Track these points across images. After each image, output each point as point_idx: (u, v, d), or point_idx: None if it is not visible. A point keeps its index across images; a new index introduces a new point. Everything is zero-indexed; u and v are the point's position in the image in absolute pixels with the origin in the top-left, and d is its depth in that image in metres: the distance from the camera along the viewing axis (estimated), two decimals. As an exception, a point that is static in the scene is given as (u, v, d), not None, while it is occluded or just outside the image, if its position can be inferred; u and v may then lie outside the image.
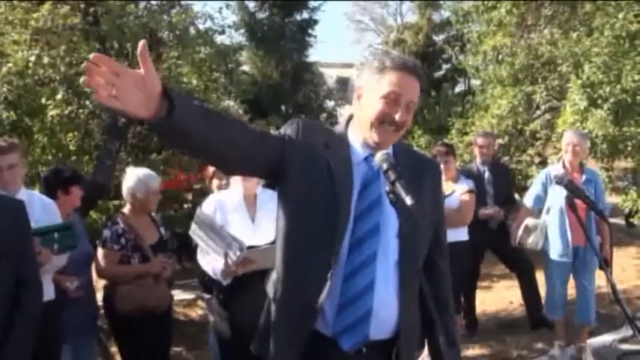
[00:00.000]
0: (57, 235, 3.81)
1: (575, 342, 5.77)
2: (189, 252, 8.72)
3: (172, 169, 8.78)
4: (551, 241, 5.58)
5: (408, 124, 2.30)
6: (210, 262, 4.03)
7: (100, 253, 4.45)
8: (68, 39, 7.26)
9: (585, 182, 5.48)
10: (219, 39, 9.67)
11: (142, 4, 8.36)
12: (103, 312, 4.57)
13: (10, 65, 6.32)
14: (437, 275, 2.44)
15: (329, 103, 22.34)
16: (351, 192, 2.21)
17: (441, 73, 21.16)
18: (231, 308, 4.05)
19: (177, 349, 6.75)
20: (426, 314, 2.31)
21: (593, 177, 5.69)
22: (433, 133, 16.47)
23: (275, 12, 19.88)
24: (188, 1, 9.04)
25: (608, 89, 8.32)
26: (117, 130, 7.41)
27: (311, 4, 20.54)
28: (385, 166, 2.11)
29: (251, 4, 19.88)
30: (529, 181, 10.39)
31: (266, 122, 14.49)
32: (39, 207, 3.81)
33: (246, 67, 18.80)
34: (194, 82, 8.28)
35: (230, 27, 9.94)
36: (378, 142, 2.23)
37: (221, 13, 12.48)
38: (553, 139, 10.37)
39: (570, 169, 5.50)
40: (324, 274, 2.16)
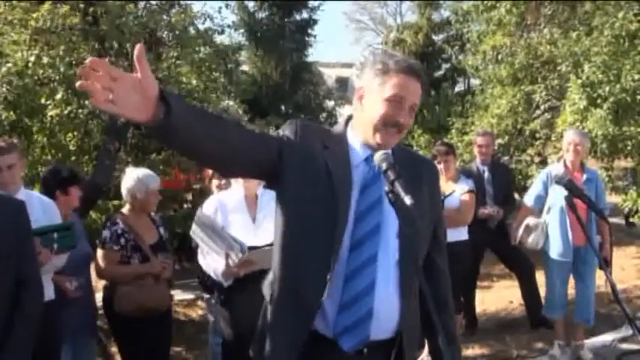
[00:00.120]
0: (56, 235, 3.80)
1: (573, 341, 5.77)
2: (188, 252, 8.77)
3: (172, 169, 8.78)
4: (551, 240, 5.57)
5: (410, 126, 2.30)
6: (211, 264, 4.02)
7: (99, 254, 4.44)
8: (67, 39, 7.27)
9: (586, 182, 5.48)
10: (219, 39, 9.71)
11: (142, 4, 8.37)
12: (103, 312, 4.56)
13: (9, 65, 6.32)
14: (436, 274, 2.43)
15: (328, 103, 22.35)
16: (349, 193, 2.21)
17: (440, 73, 21.15)
18: (233, 309, 4.04)
19: (177, 349, 6.75)
20: (425, 313, 2.31)
21: (594, 177, 5.68)
22: (433, 133, 16.45)
23: (274, 12, 19.90)
24: (187, 1, 9.07)
25: (608, 89, 8.31)
26: (116, 130, 7.40)
27: (310, 4, 20.58)
28: (384, 165, 2.10)
29: (250, 4, 19.91)
30: (529, 181, 10.39)
31: (265, 122, 14.50)
32: (38, 207, 3.80)
33: (245, 67, 18.82)
34: (193, 82, 8.29)
35: (229, 27, 9.96)
36: (381, 144, 2.23)
37: (220, 12, 12.52)
38: (553, 139, 10.36)
39: (571, 168, 5.50)
40: (322, 276, 2.16)
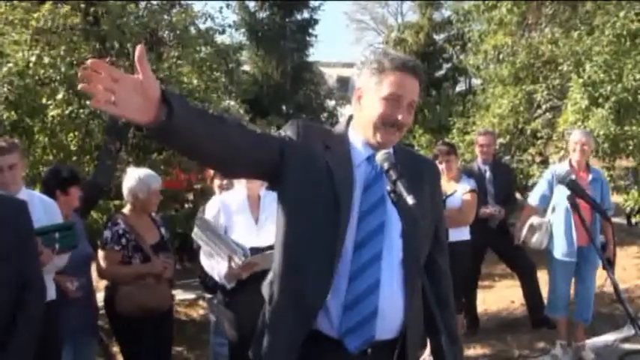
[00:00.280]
0: (58, 235, 3.80)
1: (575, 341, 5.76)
2: (189, 252, 8.77)
3: (173, 169, 8.78)
4: (556, 240, 5.55)
5: (410, 124, 2.30)
6: (215, 266, 4.02)
7: (100, 254, 4.44)
8: (69, 39, 7.27)
9: (592, 182, 5.47)
10: (220, 39, 9.71)
11: (143, 4, 8.37)
12: (105, 312, 4.56)
13: (10, 65, 6.32)
14: (437, 274, 2.43)
15: (329, 103, 22.36)
16: (351, 193, 2.20)
17: (441, 73, 21.18)
18: (236, 310, 4.03)
19: (179, 349, 6.75)
20: (428, 313, 2.31)
21: (599, 176, 5.67)
22: (434, 133, 16.46)
23: (275, 11, 19.92)
24: (188, 1, 9.07)
25: (610, 88, 8.31)
26: (117, 130, 7.40)
27: (311, 4, 20.61)
28: (386, 165, 2.11)
29: (251, 4, 19.94)
30: (530, 181, 10.39)
31: (267, 122, 14.50)
32: (40, 207, 3.80)
33: (246, 67, 18.83)
34: (194, 81, 8.29)
35: (230, 26, 9.96)
36: (381, 143, 2.23)
37: (221, 12, 12.45)
38: (554, 139, 10.36)
39: (577, 168, 5.48)
40: (324, 276, 2.15)
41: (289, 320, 2.22)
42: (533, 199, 5.82)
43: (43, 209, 3.84)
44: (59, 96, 6.88)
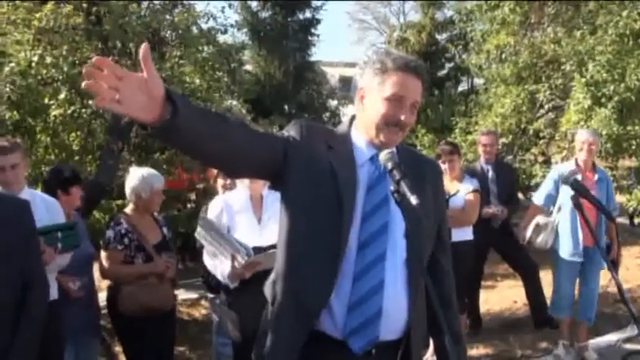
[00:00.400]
0: (60, 234, 3.81)
1: (577, 342, 5.74)
2: (192, 252, 8.77)
3: (175, 168, 8.78)
4: (561, 240, 5.52)
5: (412, 124, 2.29)
6: (218, 265, 4.02)
7: (103, 254, 4.44)
8: (71, 39, 7.27)
9: (598, 181, 5.46)
10: (222, 38, 9.71)
11: (145, 4, 8.36)
12: (107, 312, 4.56)
13: (12, 65, 6.31)
14: (440, 274, 2.43)
15: (332, 103, 22.36)
16: (354, 193, 2.19)
17: (444, 72, 21.17)
18: (239, 310, 4.03)
19: (181, 349, 6.74)
20: (431, 313, 2.30)
21: (605, 176, 5.65)
22: (436, 132, 16.43)
23: (277, 11, 19.93)
24: (191, 1, 9.05)
25: (612, 88, 8.30)
26: (119, 129, 7.39)
27: (313, 4, 20.62)
28: (390, 165, 2.10)
29: (254, 4, 19.95)
30: (533, 181, 10.38)
31: (269, 121, 14.50)
32: (42, 206, 3.80)
33: (248, 67, 18.83)
34: (197, 81, 8.28)
35: (233, 26, 9.96)
36: (384, 143, 2.23)
37: (224, 12, 12.48)
38: (557, 138, 10.36)
39: (583, 167, 5.47)
40: (327, 276, 2.15)
41: (291, 320, 2.21)
42: (539, 198, 5.79)
43: (46, 209, 3.85)
44: (61, 96, 6.88)
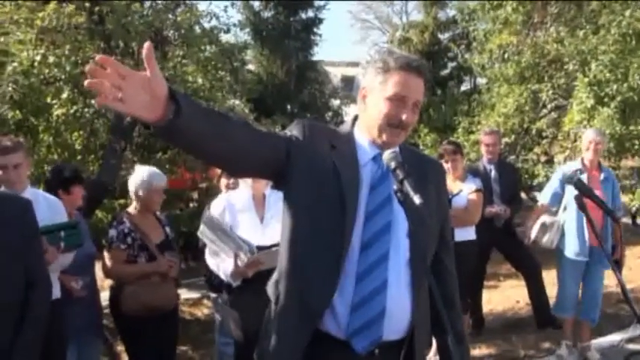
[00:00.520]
0: (63, 233, 3.80)
1: (580, 342, 5.73)
2: (194, 251, 8.78)
3: (178, 168, 8.79)
4: (567, 239, 5.48)
5: (415, 123, 2.28)
6: (220, 264, 4.01)
7: (106, 253, 4.44)
8: (73, 38, 7.28)
9: (604, 181, 5.43)
10: (225, 38, 9.70)
11: (147, 3, 8.39)
12: (110, 311, 4.56)
13: (15, 64, 6.33)
14: (443, 274, 2.42)
15: (334, 102, 22.37)
16: (357, 193, 2.18)
17: (446, 72, 21.18)
18: (242, 309, 4.03)
19: (183, 348, 6.75)
20: (434, 313, 2.29)
21: (611, 176, 5.62)
22: (439, 132, 16.46)
23: (280, 11, 19.94)
24: (193, 0, 9.07)
25: (615, 87, 8.30)
26: (122, 129, 7.41)
27: (316, 3, 20.63)
28: (393, 164, 2.09)
29: (256, 3, 19.98)
30: (535, 180, 10.37)
31: (271, 121, 14.50)
32: (44, 205, 3.80)
33: (251, 66, 18.84)
34: (199, 80, 8.29)
35: (235, 26, 9.99)
36: (386, 143, 2.22)
37: (226, 11, 12.57)
38: (559, 138, 10.35)
39: (590, 167, 5.44)
40: (329, 277, 2.14)
41: (294, 320, 2.20)
42: (545, 197, 5.74)
43: (48, 208, 3.84)
44: (64, 95, 6.90)
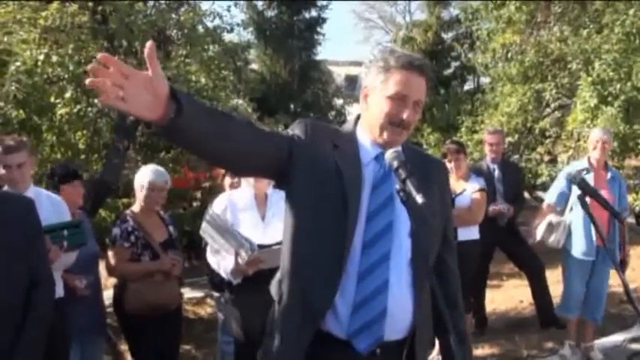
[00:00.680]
0: (66, 232, 3.80)
1: (584, 342, 5.71)
2: (198, 250, 8.79)
3: (181, 167, 8.79)
4: (574, 239, 5.43)
5: (416, 122, 2.28)
6: (221, 262, 4.02)
7: (110, 251, 4.45)
8: (77, 37, 7.28)
9: (610, 180, 5.40)
10: (228, 37, 9.71)
11: (151, 3, 8.39)
12: (113, 310, 4.57)
13: (18, 64, 6.33)
14: (446, 273, 2.41)
15: (337, 101, 22.39)
16: (359, 192, 2.18)
17: (450, 71, 21.19)
18: (243, 308, 4.03)
19: (186, 347, 6.75)
20: (437, 313, 2.30)
21: (617, 175, 5.59)
22: (442, 131, 16.47)
23: (283, 10, 19.96)
24: (196, 0, 9.06)
25: (619, 86, 8.28)
26: (125, 128, 7.41)
27: (319, 3, 20.67)
28: (396, 164, 2.09)
29: (259, 3, 20.01)
30: (539, 180, 10.36)
31: (274, 120, 14.51)
32: (47, 205, 3.80)
33: (254, 66, 18.86)
34: (202, 80, 8.27)
35: (238, 25, 9.99)
36: (388, 142, 2.21)
37: (229, 11, 12.60)
38: (563, 137, 10.34)
39: (596, 166, 5.40)
40: (332, 276, 2.14)
41: (297, 320, 2.20)
42: (551, 196, 5.67)
43: (51, 207, 3.85)
44: (67, 94, 6.90)
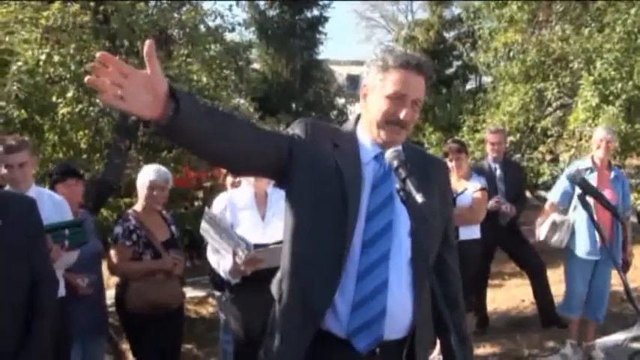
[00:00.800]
0: (68, 231, 3.82)
1: (585, 341, 5.71)
2: (199, 250, 8.79)
3: (183, 167, 8.80)
4: (578, 238, 5.41)
5: (415, 121, 2.28)
6: (220, 261, 4.03)
7: (112, 250, 4.46)
8: (78, 37, 7.28)
9: (614, 179, 5.39)
10: (229, 36, 9.70)
11: (152, 3, 8.38)
12: (115, 309, 4.57)
13: (20, 64, 6.34)
14: (447, 273, 2.42)
15: (339, 101, 22.37)
16: (359, 191, 2.18)
17: (452, 70, 21.18)
18: (242, 307, 4.04)
19: (188, 347, 6.76)
20: (437, 312, 2.30)
21: (620, 175, 5.58)
22: (444, 131, 16.47)
23: (285, 9, 19.95)
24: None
25: (620, 86, 8.28)
26: (127, 128, 7.42)
27: (321, 2, 20.61)
28: (396, 163, 2.09)
29: (261, 2, 20.01)
30: (540, 179, 10.35)
31: (276, 120, 14.52)
32: (49, 204, 3.81)
33: (256, 65, 18.85)
34: (204, 79, 8.28)
35: (240, 24, 9.96)
36: (386, 141, 2.21)
37: (231, 10, 12.49)
38: (564, 137, 10.33)
39: (600, 165, 5.39)
40: (331, 275, 2.14)
41: (298, 320, 2.21)
42: (554, 196, 5.65)
43: (53, 206, 3.86)
44: (69, 94, 6.90)
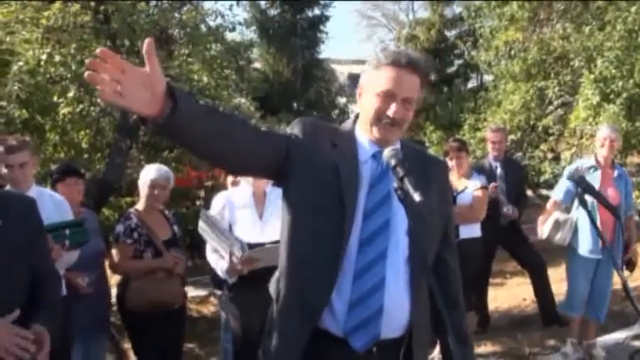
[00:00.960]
0: (68, 231, 3.82)
1: (586, 339, 5.70)
2: (200, 249, 8.80)
3: (184, 166, 8.81)
4: (580, 237, 5.37)
5: (409, 120, 2.26)
6: (218, 260, 4.03)
7: (113, 248, 4.47)
8: (79, 37, 7.29)
9: (617, 178, 5.37)
10: (230, 36, 9.72)
11: (153, 2, 8.40)
12: (117, 308, 4.58)
13: (21, 64, 6.35)
14: (447, 272, 2.41)
15: (340, 100, 22.36)
16: (357, 191, 2.18)
17: (453, 69, 21.17)
18: (241, 305, 4.05)
19: (190, 346, 6.77)
20: (436, 312, 2.29)
21: (624, 173, 5.55)
22: (445, 129, 16.48)
23: (286, 9, 19.95)
24: (199, -1, 9.07)
25: (621, 84, 8.27)
26: (128, 128, 7.43)
27: (322, 1, 20.61)
28: (393, 162, 2.08)
29: (262, 2, 19.96)
30: (542, 178, 10.35)
31: (277, 119, 14.52)
32: (50, 204, 3.82)
33: (257, 64, 18.85)
34: (205, 79, 8.28)
35: (241, 24, 9.97)
36: (379, 139, 2.22)
37: (232, 10, 12.46)
38: (566, 135, 10.32)
39: (603, 163, 5.36)
40: (329, 274, 2.14)
41: (295, 319, 2.21)
42: (557, 194, 5.61)
43: (54, 206, 3.87)
44: (70, 94, 6.92)
